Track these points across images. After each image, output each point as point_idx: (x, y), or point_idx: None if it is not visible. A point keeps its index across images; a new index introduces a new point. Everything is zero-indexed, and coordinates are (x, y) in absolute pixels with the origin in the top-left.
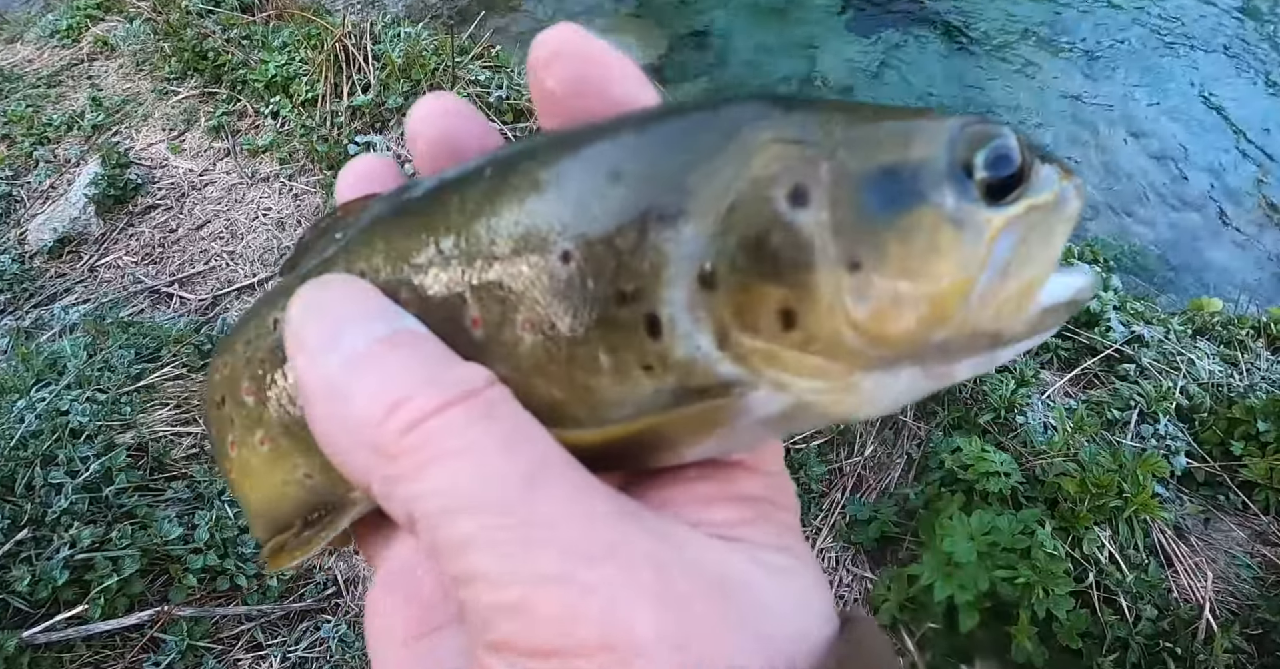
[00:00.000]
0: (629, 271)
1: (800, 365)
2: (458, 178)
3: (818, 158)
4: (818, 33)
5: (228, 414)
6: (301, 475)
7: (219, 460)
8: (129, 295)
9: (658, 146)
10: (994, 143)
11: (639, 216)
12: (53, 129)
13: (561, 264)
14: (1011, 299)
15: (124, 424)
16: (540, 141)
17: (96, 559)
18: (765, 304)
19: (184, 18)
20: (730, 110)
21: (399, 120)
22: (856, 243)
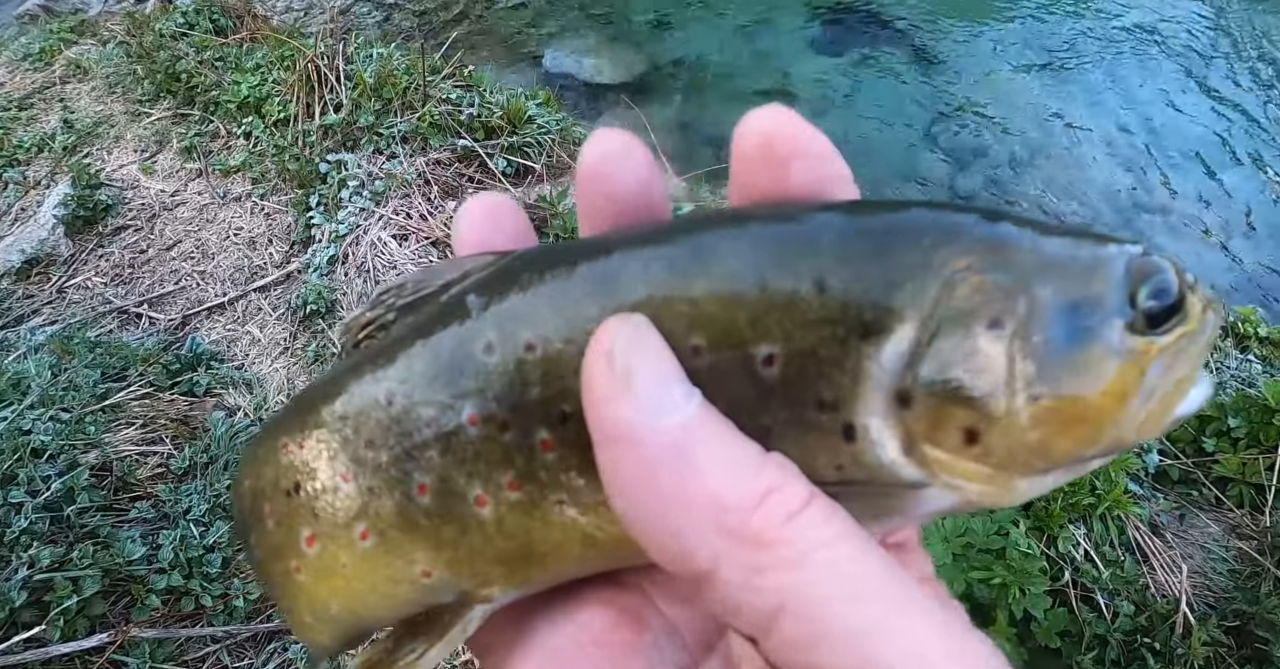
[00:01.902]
0: (830, 382)
1: (973, 473)
2: (642, 251)
3: (1014, 291)
4: (789, 53)
5: (305, 504)
6: (418, 573)
7: (272, 560)
8: (97, 316)
9: (861, 259)
10: (1157, 277)
11: (845, 332)
12: (23, 151)
13: (764, 367)
14: (1154, 417)
15: (88, 443)
16: (724, 230)
17: (56, 579)
18: (953, 423)
19: (158, 40)
20: (925, 225)
21: (370, 138)
22: (1038, 374)
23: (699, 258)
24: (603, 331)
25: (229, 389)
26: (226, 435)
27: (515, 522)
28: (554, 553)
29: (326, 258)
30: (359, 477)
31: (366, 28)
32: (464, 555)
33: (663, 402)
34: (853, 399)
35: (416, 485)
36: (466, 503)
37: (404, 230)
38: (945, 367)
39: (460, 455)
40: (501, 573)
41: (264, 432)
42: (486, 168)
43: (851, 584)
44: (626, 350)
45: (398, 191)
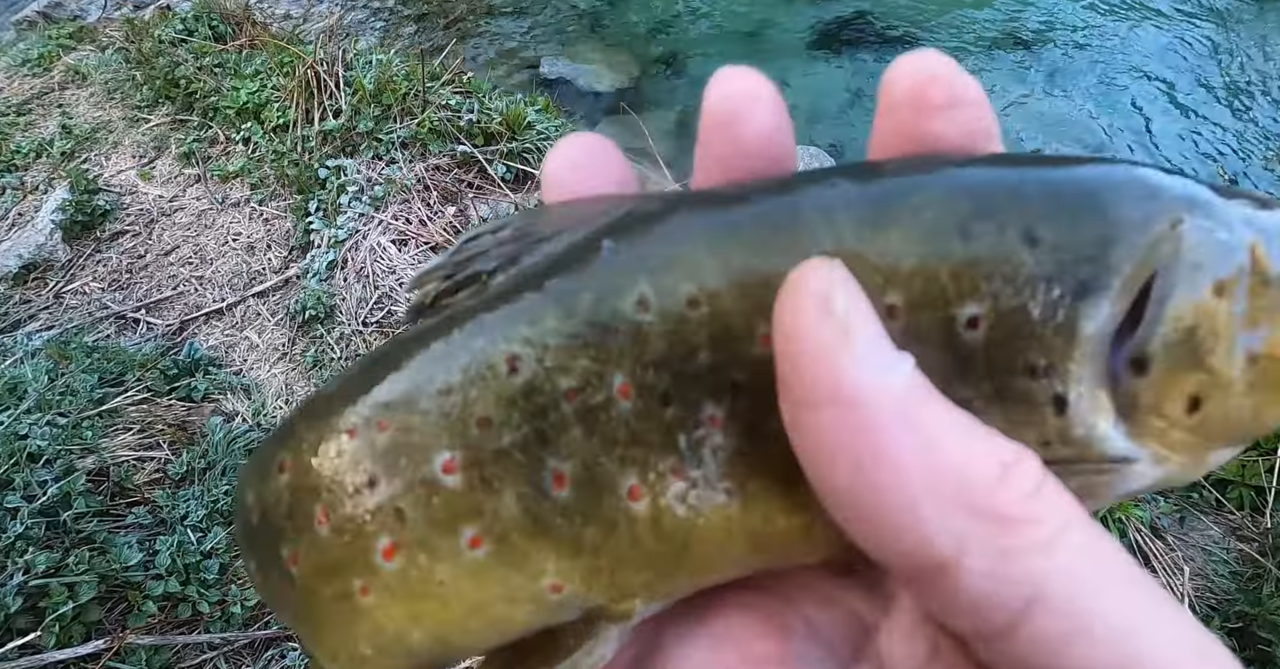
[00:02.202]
0: (1043, 346)
1: (1183, 445)
2: (824, 195)
3: (1236, 249)
4: (786, 57)
5: (386, 503)
6: (546, 588)
7: (321, 579)
8: (95, 321)
9: (1074, 212)
10: None
11: (1059, 290)
12: (21, 156)
13: (967, 330)
14: None
15: (85, 448)
16: (912, 179)
17: (52, 585)
18: (1179, 390)
19: (157, 47)
20: (1132, 179)
21: (369, 144)
22: (1259, 335)
23: (891, 205)
24: (809, 272)
25: (227, 394)
26: (224, 441)
27: (675, 519)
28: (713, 555)
29: (325, 263)
30: (471, 466)
31: (366, 33)
32: (606, 563)
33: (886, 358)
34: (1065, 366)
35: (551, 475)
36: (617, 496)
37: (403, 235)
38: (1172, 329)
39: (611, 436)
40: (646, 582)
41: (309, 412)
42: (486, 173)
43: (1105, 572)
44: (846, 298)
45: (397, 197)
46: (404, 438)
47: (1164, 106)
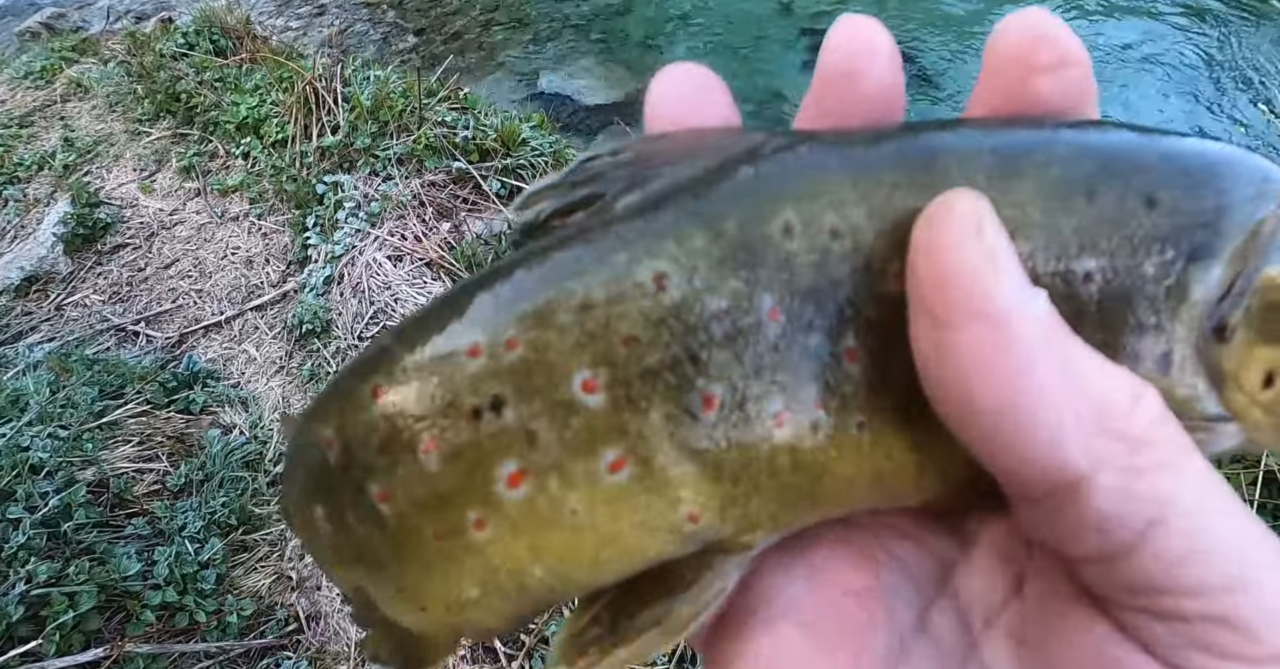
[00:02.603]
0: (1153, 304)
1: (1259, 418)
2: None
3: None
4: (781, 74)
5: (514, 426)
6: (683, 517)
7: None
8: (95, 334)
9: (1190, 180)
10: None
11: (1174, 252)
12: (23, 168)
13: (1084, 283)
14: None
15: (85, 460)
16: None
17: (53, 595)
18: (1258, 364)
19: (158, 61)
20: (1243, 157)
21: (366, 160)
22: None
23: (1022, 158)
24: (958, 198)
25: (225, 407)
26: (222, 453)
27: (813, 449)
28: (839, 489)
29: (322, 278)
30: (615, 385)
31: (364, 47)
32: (743, 492)
33: (1028, 287)
34: (1173, 325)
35: (700, 397)
36: (762, 422)
37: (399, 251)
38: (1258, 302)
39: (759, 360)
40: (773, 513)
41: (408, 334)
42: (481, 189)
43: (1222, 497)
44: (992, 224)
45: (393, 213)
46: (538, 356)
47: (1153, 112)
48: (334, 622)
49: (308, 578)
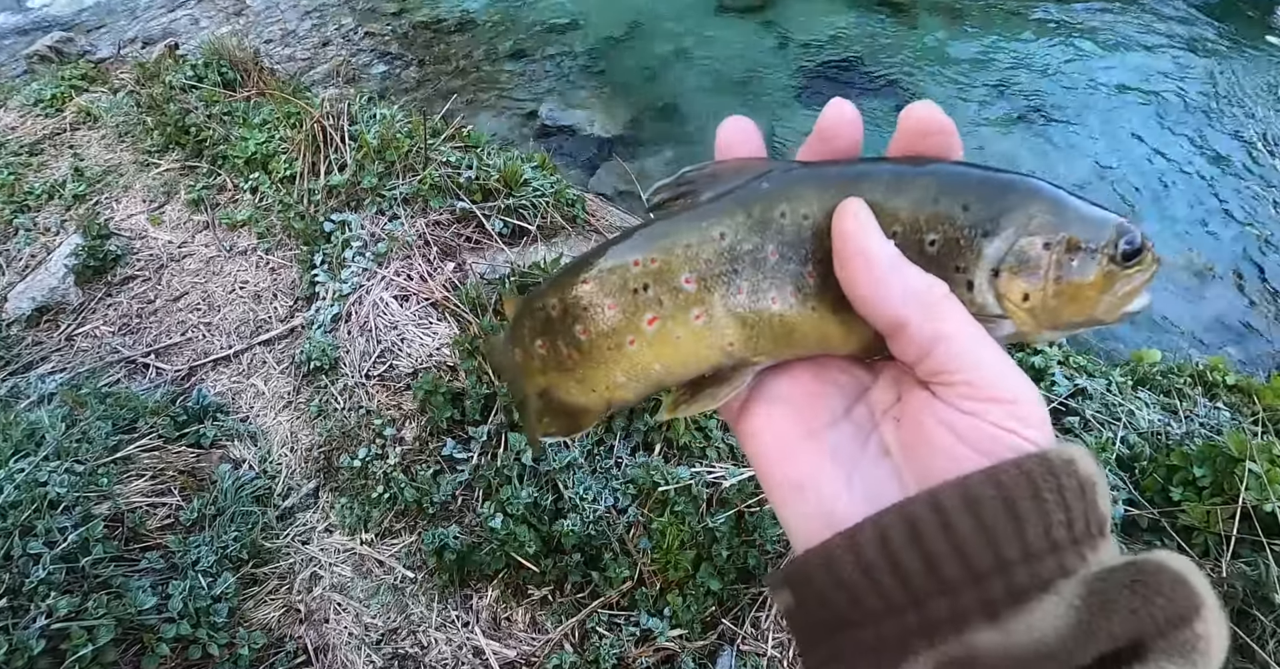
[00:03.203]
0: (964, 257)
1: (1024, 319)
2: (869, 172)
3: (1059, 228)
4: (778, 105)
5: (653, 297)
6: (726, 343)
7: (603, 338)
8: (105, 365)
9: (989, 196)
10: (1130, 235)
11: (975, 232)
12: (34, 197)
13: (929, 246)
14: (1114, 309)
15: (101, 495)
16: (914, 168)
17: (72, 629)
18: (1018, 289)
19: (167, 92)
20: (1021, 183)
21: (374, 199)
22: (1062, 271)
23: (905, 182)
24: (849, 204)
25: (234, 441)
26: (233, 488)
27: (789, 317)
28: (804, 338)
29: (330, 316)
30: (701, 281)
31: (369, 78)
32: (754, 334)
33: (881, 240)
34: (973, 267)
35: (737, 288)
36: (765, 301)
37: (405, 291)
38: (1019, 259)
39: (764, 273)
40: (770, 348)
41: (597, 252)
42: (484, 228)
43: (973, 331)
44: (863, 213)
45: (399, 253)
46: (664, 267)
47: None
48: (342, 654)
49: (316, 611)
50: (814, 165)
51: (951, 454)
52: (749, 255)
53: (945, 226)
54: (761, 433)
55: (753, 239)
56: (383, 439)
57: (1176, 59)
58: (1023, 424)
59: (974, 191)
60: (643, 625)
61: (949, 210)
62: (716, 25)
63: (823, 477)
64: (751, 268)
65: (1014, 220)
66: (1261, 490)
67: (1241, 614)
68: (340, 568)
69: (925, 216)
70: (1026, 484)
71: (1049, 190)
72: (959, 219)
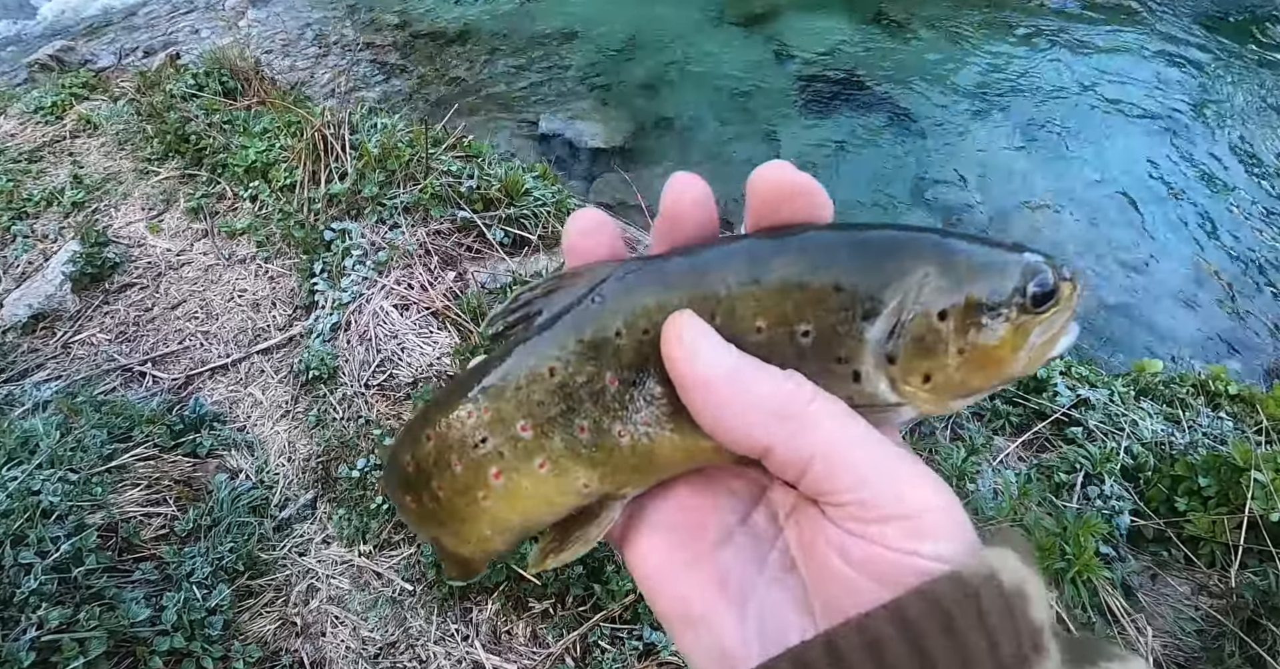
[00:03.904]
0: (844, 346)
1: (927, 398)
2: (717, 261)
3: (954, 291)
4: (777, 118)
5: (493, 450)
6: (580, 486)
7: (459, 495)
8: (101, 373)
9: (863, 268)
10: (1040, 276)
11: (853, 315)
12: (32, 204)
13: (802, 338)
14: (1035, 361)
15: (94, 504)
16: (770, 248)
17: (64, 641)
18: (917, 371)
19: (168, 100)
20: (901, 244)
21: (374, 208)
22: (967, 340)
23: (762, 265)
24: (672, 324)
25: (231, 450)
26: (229, 498)
27: (644, 446)
28: (666, 462)
29: (329, 325)
30: (536, 426)
31: (369, 89)
32: (610, 471)
33: (717, 356)
34: (858, 356)
35: (578, 427)
36: (612, 436)
37: (405, 301)
38: (913, 339)
39: (607, 406)
40: (633, 479)
41: (432, 411)
42: (484, 238)
43: (854, 437)
44: (689, 332)
45: (400, 262)
46: (498, 416)
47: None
48: (339, 668)
49: (312, 624)
50: (656, 261)
51: (851, 586)
52: (585, 389)
53: (817, 313)
54: (643, 563)
55: (586, 369)
56: (382, 449)
57: (1174, 72)
58: (928, 540)
59: (846, 264)
60: (645, 639)
61: (819, 293)
62: (716, 38)
63: (712, 610)
64: (591, 402)
65: (899, 291)
66: (1267, 500)
67: (1251, 624)
68: (338, 580)
69: (792, 305)
70: (936, 616)
71: (934, 244)
72: (831, 302)
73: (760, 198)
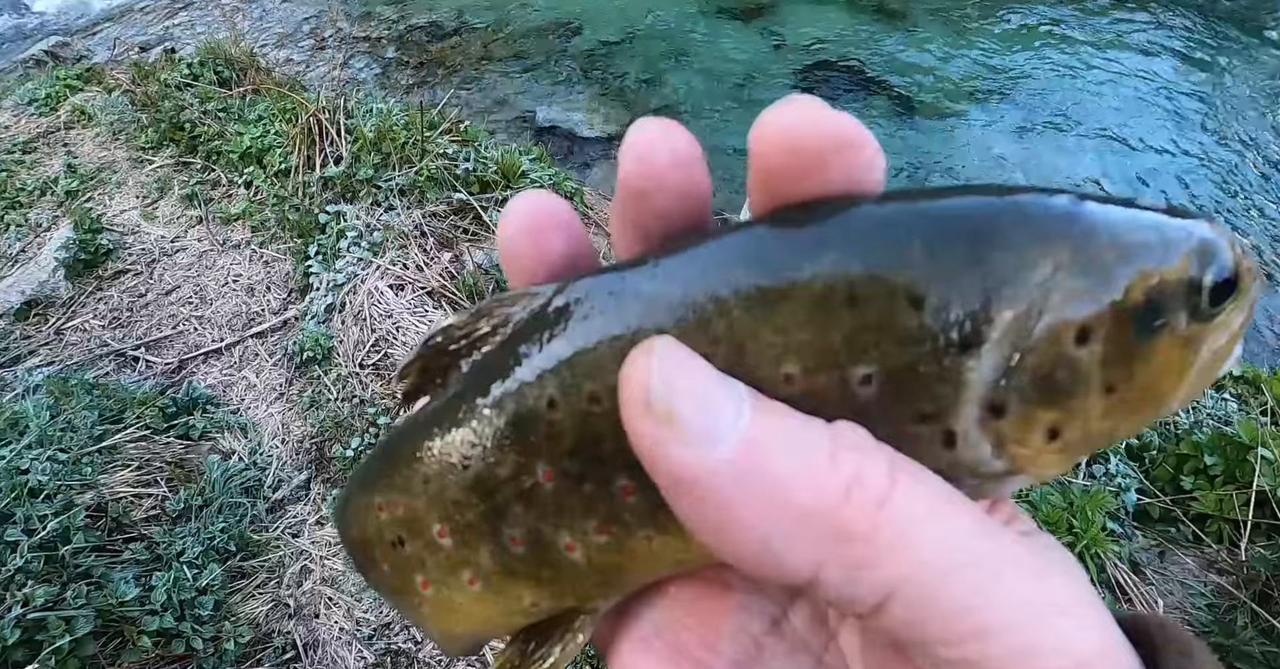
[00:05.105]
0: (931, 396)
1: (1052, 461)
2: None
3: (1099, 296)
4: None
5: (413, 555)
6: (526, 605)
7: (396, 597)
8: (94, 358)
9: (955, 269)
10: (1220, 260)
11: (944, 346)
12: (26, 194)
13: (861, 386)
14: (1200, 385)
15: (84, 484)
16: (797, 243)
17: (49, 619)
18: (1039, 426)
19: (163, 90)
20: (1013, 220)
21: (369, 190)
22: (1116, 371)
23: (788, 276)
24: (629, 370)
25: (224, 433)
26: (221, 479)
27: (606, 559)
28: (644, 570)
29: (324, 306)
30: (455, 533)
31: (365, 81)
32: (563, 589)
33: (714, 429)
34: (953, 409)
35: (508, 538)
36: (557, 550)
37: (400, 281)
38: (1038, 376)
39: (543, 509)
40: (600, 592)
41: (356, 486)
42: (481, 220)
43: (953, 559)
44: (662, 387)
45: (395, 243)
46: (410, 514)
47: (1138, 144)
48: (332, 650)
49: (305, 605)
50: (610, 277)
51: None
52: (510, 487)
53: (884, 346)
54: None
55: (509, 459)
56: (376, 428)
57: (1176, 59)
58: None
59: (925, 261)
60: None
61: (884, 311)
62: (713, 28)
63: None
64: (520, 506)
65: (1016, 298)
66: (1275, 476)
67: (1264, 597)
68: (332, 562)
69: (841, 335)
70: None
71: (1062, 217)
72: (905, 325)
73: (773, 158)
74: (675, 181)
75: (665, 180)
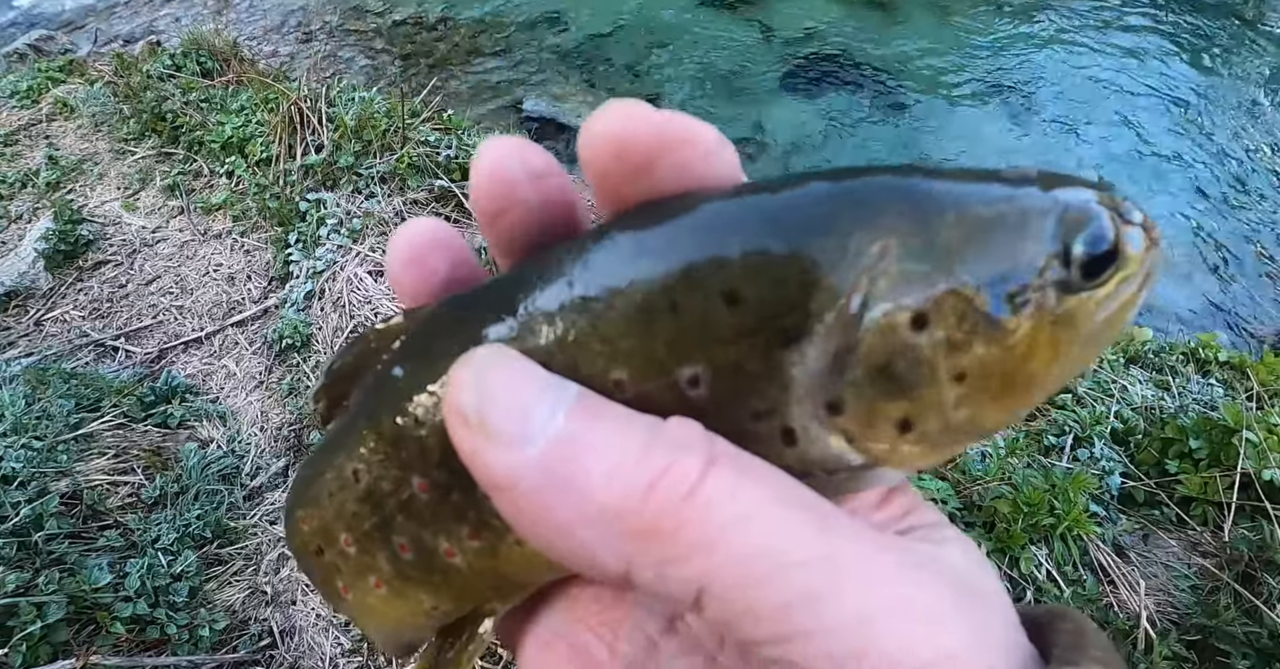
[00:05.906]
0: (761, 394)
1: (914, 451)
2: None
3: (937, 279)
4: (763, 97)
5: (331, 562)
6: (428, 608)
7: (331, 600)
8: (74, 348)
9: (772, 262)
10: (1092, 226)
11: (765, 342)
12: (6, 185)
13: (690, 388)
14: (1083, 363)
15: (59, 471)
16: (618, 247)
17: (21, 604)
18: (887, 418)
19: (145, 81)
20: (837, 206)
21: (350, 178)
22: (964, 357)
23: (604, 291)
24: (450, 386)
25: (203, 421)
26: (199, 466)
27: (484, 564)
28: (528, 575)
29: (303, 293)
30: (357, 542)
31: (351, 73)
32: (456, 592)
33: (524, 431)
34: (784, 406)
35: (398, 545)
36: (439, 556)
37: (379, 267)
38: (873, 368)
39: (422, 519)
40: (494, 595)
41: (290, 499)
42: (462, 207)
43: (775, 560)
44: (475, 395)
45: (375, 229)
46: (322, 525)
47: (1128, 134)
48: (308, 636)
49: (282, 592)
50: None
51: None
52: (392, 499)
53: (706, 346)
54: None
55: (390, 473)
56: None
57: (1169, 50)
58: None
59: (743, 255)
60: None
61: (702, 312)
62: (701, 19)
63: None
64: (403, 515)
65: (838, 286)
66: (1260, 459)
67: (1247, 578)
68: None
69: (664, 339)
70: None
71: (897, 193)
72: (724, 323)
73: (601, 164)
74: (532, 196)
75: (520, 197)
